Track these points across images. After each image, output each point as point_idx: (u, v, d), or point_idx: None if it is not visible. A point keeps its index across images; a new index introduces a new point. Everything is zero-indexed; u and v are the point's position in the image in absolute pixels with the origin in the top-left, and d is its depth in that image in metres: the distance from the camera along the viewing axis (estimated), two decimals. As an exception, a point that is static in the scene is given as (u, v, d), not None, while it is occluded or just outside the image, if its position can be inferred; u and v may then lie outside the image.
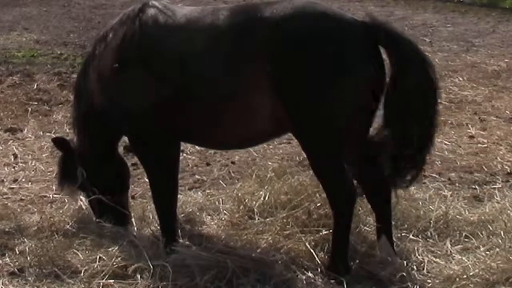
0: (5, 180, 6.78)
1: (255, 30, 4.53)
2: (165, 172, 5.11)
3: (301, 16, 4.51)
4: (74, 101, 5.59)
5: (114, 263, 4.71)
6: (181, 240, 5.01)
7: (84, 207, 5.74)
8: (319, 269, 4.73)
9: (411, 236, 5.19)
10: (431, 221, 5.29)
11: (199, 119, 4.83)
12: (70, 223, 5.47)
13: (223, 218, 5.52)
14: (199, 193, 6.23)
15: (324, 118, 4.47)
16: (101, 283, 4.57)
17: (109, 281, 4.59)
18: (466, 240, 5.15)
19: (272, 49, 4.46)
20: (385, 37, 4.50)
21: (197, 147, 7.43)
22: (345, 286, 4.51)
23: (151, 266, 4.59)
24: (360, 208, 5.19)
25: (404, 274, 4.60)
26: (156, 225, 5.44)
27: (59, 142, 5.62)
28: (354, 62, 4.43)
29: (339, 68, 4.41)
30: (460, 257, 4.88)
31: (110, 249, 4.86)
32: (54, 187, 6.54)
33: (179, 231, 5.13)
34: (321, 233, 5.05)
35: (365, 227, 5.19)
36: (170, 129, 4.97)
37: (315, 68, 4.41)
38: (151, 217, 5.56)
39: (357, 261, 4.81)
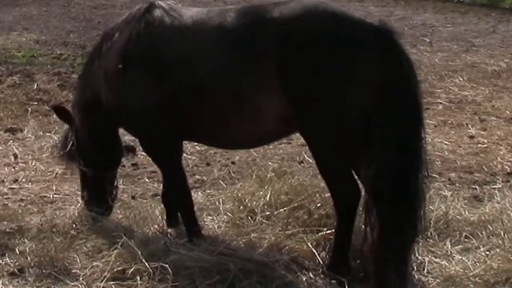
0: (5, 180, 6.79)
1: (265, 30, 4.54)
2: (177, 167, 5.25)
3: (310, 16, 4.52)
4: (77, 88, 5.70)
5: (114, 265, 4.71)
6: (185, 239, 5.04)
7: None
8: (320, 270, 4.73)
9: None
10: (431, 221, 5.29)
11: (207, 119, 4.85)
12: (71, 224, 5.46)
13: (223, 219, 5.51)
14: (199, 193, 6.22)
15: (332, 118, 4.47)
16: (101, 286, 4.57)
17: (109, 283, 4.58)
18: (466, 240, 5.15)
19: (282, 49, 4.46)
20: (389, 46, 4.48)
21: (197, 147, 7.45)
22: (346, 286, 4.51)
23: (150, 269, 4.58)
24: (361, 208, 5.19)
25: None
26: (157, 225, 5.45)
27: (60, 110, 5.68)
28: (363, 63, 4.43)
29: (348, 69, 4.41)
30: (460, 257, 4.89)
31: (110, 251, 4.85)
32: (54, 187, 6.56)
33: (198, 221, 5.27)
34: (322, 233, 5.06)
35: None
36: (177, 129, 5.01)
37: (325, 68, 4.41)
38: (152, 217, 5.55)
39: (358, 261, 4.81)
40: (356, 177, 4.69)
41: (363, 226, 4.62)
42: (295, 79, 4.47)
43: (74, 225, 5.45)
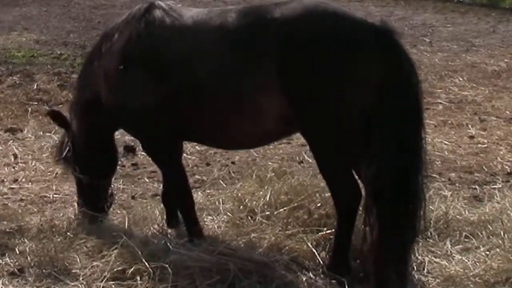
0: (5, 180, 6.79)
1: (265, 30, 4.53)
2: (177, 167, 5.24)
3: (311, 16, 4.51)
4: (76, 88, 5.67)
5: (114, 265, 4.70)
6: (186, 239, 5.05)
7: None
8: (320, 269, 4.73)
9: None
10: (431, 221, 5.28)
11: (207, 119, 4.84)
12: (71, 225, 5.46)
13: (223, 219, 5.51)
14: (199, 193, 6.22)
15: (332, 118, 4.47)
16: (101, 285, 4.56)
17: (109, 283, 4.58)
18: (466, 240, 5.15)
19: (282, 48, 4.46)
20: (389, 46, 4.48)
21: (197, 147, 7.45)
22: (346, 286, 4.51)
23: (150, 269, 4.58)
24: (361, 208, 5.18)
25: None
26: (157, 225, 5.45)
27: (55, 116, 5.68)
28: (364, 63, 4.42)
29: (348, 69, 4.41)
30: (460, 257, 4.89)
31: (110, 251, 4.85)
32: (54, 187, 6.56)
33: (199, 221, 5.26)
34: (322, 233, 5.06)
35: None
36: (177, 129, 5.00)
37: (325, 68, 4.40)
38: (152, 217, 5.55)
39: (358, 261, 4.81)
40: (356, 177, 4.69)
41: (363, 226, 4.62)
42: (295, 79, 4.46)
43: (74, 226, 5.45)
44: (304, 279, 4.61)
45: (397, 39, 4.49)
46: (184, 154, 6.14)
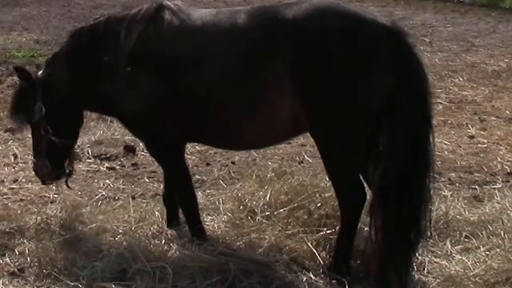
0: (5, 180, 6.79)
1: (276, 31, 4.53)
2: (182, 168, 5.23)
3: (322, 16, 4.51)
4: (68, 58, 5.58)
5: (114, 265, 4.70)
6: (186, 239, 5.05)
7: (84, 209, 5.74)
8: (320, 270, 4.73)
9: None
10: (431, 221, 5.28)
11: (217, 120, 4.83)
12: (71, 225, 5.46)
13: (223, 219, 5.51)
14: (199, 193, 6.20)
15: (343, 118, 4.47)
16: (101, 285, 4.56)
17: (109, 283, 4.58)
18: (466, 240, 5.15)
19: (293, 49, 4.45)
20: (400, 47, 4.48)
21: (197, 147, 7.44)
22: (346, 286, 4.51)
23: (150, 269, 4.58)
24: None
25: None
26: (157, 225, 5.45)
27: (22, 72, 5.52)
28: (375, 64, 4.42)
29: (359, 69, 4.40)
30: (460, 257, 4.89)
31: (110, 251, 4.85)
32: (54, 187, 6.55)
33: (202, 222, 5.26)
34: (322, 233, 5.06)
35: (366, 227, 5.18)
36: (188, 131, 5.00)
37: (336, 68, 4.41)
38: (152, 217, 5.55)
39: (358, 261, 4.81)
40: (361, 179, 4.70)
41: (363, 226, 4.62)
42: (306, 79, 4.45)
43: (74, 226, 5.44)
44: (304, 279, 4.61)
45: (407, 39, 4.50)
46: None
